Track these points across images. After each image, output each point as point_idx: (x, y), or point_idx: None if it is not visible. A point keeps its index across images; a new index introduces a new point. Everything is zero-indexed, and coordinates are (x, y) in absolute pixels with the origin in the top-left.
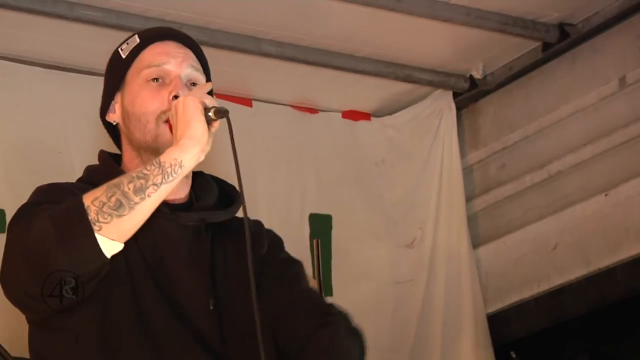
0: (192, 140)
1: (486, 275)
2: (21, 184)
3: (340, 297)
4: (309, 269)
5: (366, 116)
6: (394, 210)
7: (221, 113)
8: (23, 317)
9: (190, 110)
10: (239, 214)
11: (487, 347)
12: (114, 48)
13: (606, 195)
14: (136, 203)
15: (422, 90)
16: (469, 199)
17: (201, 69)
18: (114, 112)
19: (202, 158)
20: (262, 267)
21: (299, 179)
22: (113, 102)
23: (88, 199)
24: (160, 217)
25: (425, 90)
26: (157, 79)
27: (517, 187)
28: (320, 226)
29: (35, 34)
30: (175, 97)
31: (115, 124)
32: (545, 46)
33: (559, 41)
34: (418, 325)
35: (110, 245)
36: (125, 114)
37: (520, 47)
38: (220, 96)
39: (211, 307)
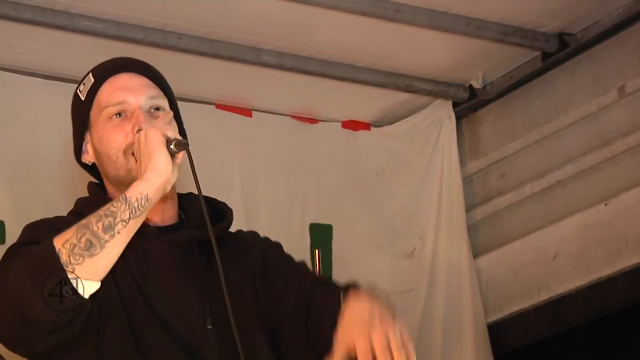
0: (155, 173)
1: (486, 285)
2: (21, 195)
3: None
4: None
5: (366, 126)
6: (394, 220)
7: (181, 145)
8: None
9: (152, 143)
10: (233, 229)
11: (487, 357)
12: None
13: (606, 204)
14: (106, 241)
15: (421, 100)
16: (469, 208)
17: (162, 93)
18: (87, 152)
19: (168, 189)
20: (263, 268)
21: (299, 189)
22: (84, 142)
23: (59, 242)
24: (151, 241)
25: (425, 100)
26: (119, 114)
27: (517, 196)
28: (321, 236)
29: (36, 44)
30: (139, 130)
31: (90, 164)
32: (545, 56)
33: (559, 51)
34: (418, 334)
35: (86, 285)
36: (97, 153)
37: (519, 57)
38: (220, 106)
39: (209, 327)
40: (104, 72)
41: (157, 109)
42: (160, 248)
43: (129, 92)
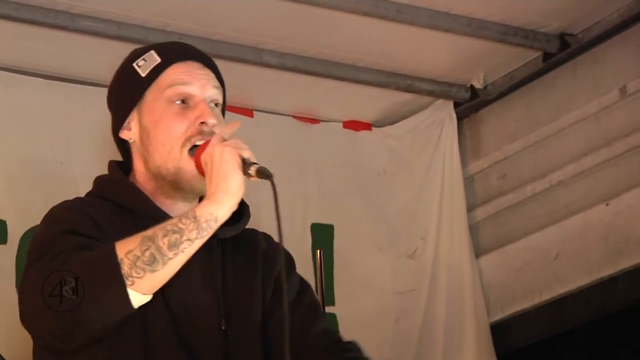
0: (227, 195)
1: (488, 285)
2: (22, 194)
3: (342, 307)
4: (311, 279)
5: (367, 126)
6: (395, 220)
7: (264, 175)
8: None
9: (228, 164)
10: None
11: (489, 356)
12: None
13: (607, 204)
14: (169, 259)
15: (423, 100)
16: (470, 208)
17: (222, 89)
18: (130, 129)
19: (235, 209)
20: (274, 288)
21: (301, 189)
22: (129, 119)
23: (122, 250)
24: None
25: (427, 100)
26: (182, 101)
27: (519, 196)
28: (322, 236)
29: (37, 45)
30: (203, 122)
31: (130, 141)
32: (546, 56)
33: (560, 51)
34: (420, 335)
35: (139, 298)
36: (144, 133)
37: (521, 57)
38: None
39: (223, 328)
40: (171, 54)
41: (216, 104)
42: None
43: (197, 81)
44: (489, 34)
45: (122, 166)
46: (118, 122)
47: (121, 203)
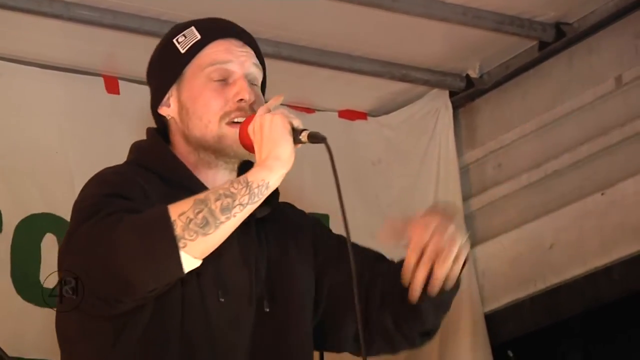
0: (279, 162)
1: (482, 275)
2: (17, 184)
3: None
4: None
5: (362, 116)
6: (390, 210)
7: (317, 138)
8: (22, 318)
9: (279, 130)
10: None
11: (484, 346)
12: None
13: (603, 194)
14: (221, 222)
15: (418, 89)
16: (465, 198)
17: (261, 67)
18: (169, 106)
19: (283, 177)
20: (315, 252)
21: (296, 179)
22: (167, 95)
23: (174, 212)
24: None
25: (422, 90)
26: (222, 79)
27: (514, 186)
28: None
29: (32, 33)
30: (241, 100)
31: (169, 117)
32: (542, 45)
33: (556, 40)
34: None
35: (190, 262)
36: (183, 110)
37: (516, 46)
38: None
39: (267, 310)
40: (212, 31)
41: (254, 84)
42: None
43: (236, 58)
44: (485, 23)
45: (161, 135)
46: (157, 98)
47: (164, 175)
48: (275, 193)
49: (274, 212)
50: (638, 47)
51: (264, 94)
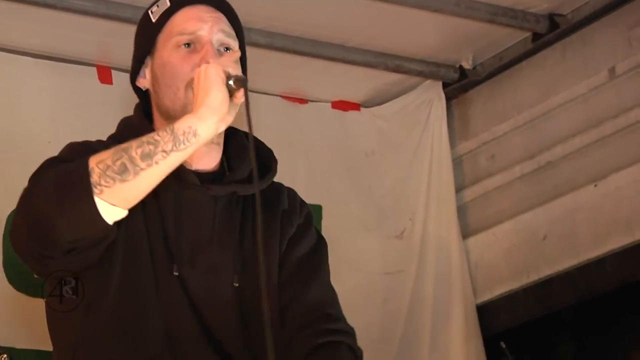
0: (209, 109)
1: (475, 266)
2: (10, 174)
3: None
4: None
5: (356, 106)
6: (383, 201)
7: (240, 82)
8: (14, 309)
9: (211, 78)
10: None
11: (476, 337)
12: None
13: (595, 186)
14: (142, 169)
15: (411, 80)
16: (458, 189)
17: (234, 33)
18: (144, 77)
19: (221, 128)
20: (286, 248)
21: (289, 170)
22: (143, 66)
23: (94, 160)
24: (190, 189)
25: (415, 81)
26: (188, 44)
27: (507, 177)
28: None
29: (25, 23)
30: (207, 63)
31: (144, 89)
32: (535, 37)
33: (549, 32)
34: (408, 316)
35: (111, 210)
36: (155, 79)
37: (510, 38)
38: None
39: (236, 284)
40: None
41: (227, 48)
42: (199, 198)
43: (203, 23)
44: (478, 14)
45: (147, 111)
46: (134, 70)
47: None
48: (269, 173)
49: (270, 193)
50: (631, 39)
51: (244, 58)
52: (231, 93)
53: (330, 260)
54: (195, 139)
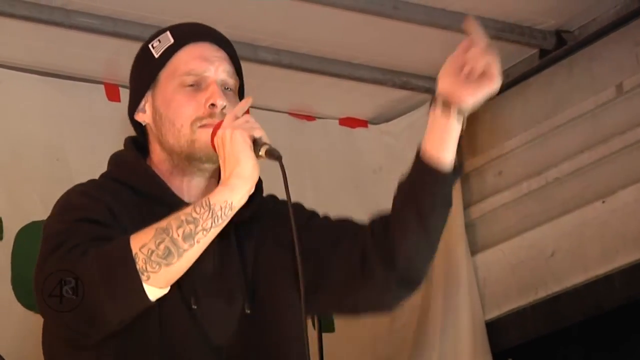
0: (241, 180)
1: (484, 282)
2: (18, 191)
3: None
4: None
5: (363, 123)
6: None
7: (274, 155)
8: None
9: (239, 147)
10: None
11: (485, 354)
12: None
13: (604, 202)
14: (185, 250)
15: (419, 97)
16: (466, 206)
17: (234, 71)
18: (144, 112)
19: (249, 194)
20: (304, 235)
21: (296, 186)
22: (143, 101)
23: (136, 245)
24: None
25: (423, 97)
26: (193, 84)
27: (515, 194)
28: None
29: (32, 41)
30: (212, 105)
31: (144, 124)
32: (543, 53)
33: (556, 48)
34: (416, 332)
35: (156, 292)
36: (157, 115)
37: (517, 54)
38: None
39: (247, 312)
40: (185, 35)
41: (228, 88)
42: None
43: (209, 63)
44: (485, 31)
45: (138, 144)
46: (133, 104)
47: (136, 188)
48: (256, 195)
49: (256, 214)
50: (639, 55)
51: (242, 93)
52: (257, 154)
53: None
54: (231, 211)
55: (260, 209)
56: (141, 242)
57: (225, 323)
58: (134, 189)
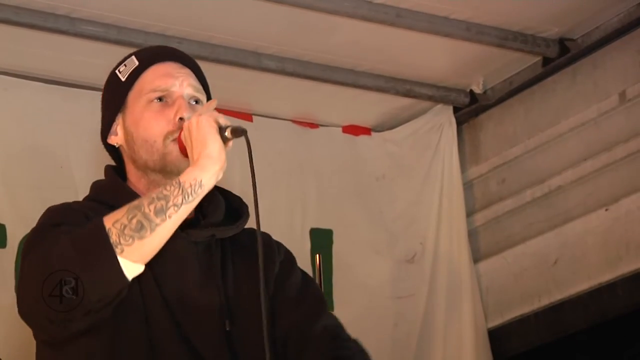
0: (210, 160)
1: (487, 290)
2: (22, 199)
3: (341, 312)
4: None
5: (367, 131)
6: (394, 225)
7: (238, 132)
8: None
9: (205, 129)
10: (248, 225)
11: None
12: (115, 63)
13: (607, 210)
14: (157, 224)
15: (422, 105)
16: (469, 213)
17: (201, 87)
18: (116, 134)
19: (220, 176)
20: (275, 288)
21: (300, 194)
22: (114, 124)
23: (109, 221)
24: (170, 236)
25: (426, 105)
26: (160, 99)
27: (518, 202)
28: (321, 241)
29: (37, 49)
30: (181, 118)
31: (117, 146)
32: (546, 61)
33: (559, 56)
34: (419, 340)
35: (131, 267)
36: (128, 136)
37: (520, 62)
38: (221, 111)
39: (227, 329)
40: (149, 57)
41: (197, 102)
42: (180, 245)
43: (174, 79)
44: (488, 39)
45: (118, 171)
46: (105, 128)
47: (116, 206)
48: (243, 215)
49: (245, 236)
50: None
51: None
52: (224, 142)
53: (341, 285)
54: (201, 189)
55: (248, 236)
56: (114, 219)
57: (207, 337)
58: (114, 207)
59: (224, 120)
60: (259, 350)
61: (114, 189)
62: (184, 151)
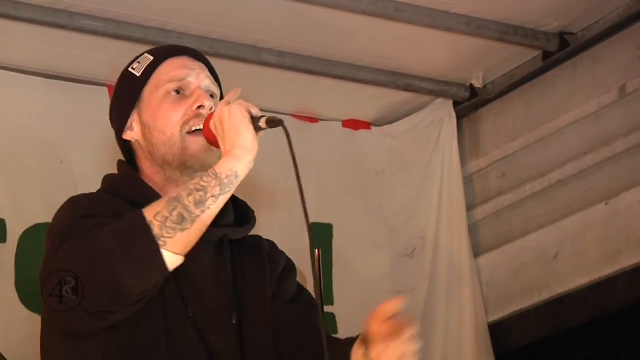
0: (244, 150)
1: (487, 285)
2: (22, 193)
3: (341, 307)
4: (309, 278)
5: (367, 125)
6: (394, 220)
7: (275, 122)
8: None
9: (238, 119)
10: (255, 231)
11: (488, 356)
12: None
13: (607, 204)
14: (197, 216)
15: (422, 99)
16: (469, 208)
17: (217, 83)
18: (132, 129)
19: (251, 166)
20: (277, 285)
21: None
22: (130, 120)
23: (150, 213)
24: None
25: (426, 100)
26: (177, 92)
27: (518, 196)
28: (321, 235)
29: (36, 44)
30: (200, 106)
31: (134, 140)
32: (546, 55)
33: (559, 50)
34: (419, 334)
35: (173, 259)
36: (146, 129)
37: (520, 56)
38: None
39: (234, 322)
40: (164, 52)
41: (212, 95)
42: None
43: (191, 70)
44: (489, 33)
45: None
46: (120, 126)
47: (132, 199)
48: (252, 220)
49: (251, 240)
50: None
51: None
52: (255, 130)
53: (341, 279)
54: (236, 179)
55: (254, 241)
56: (154, 211)
57: (217, 330)
58: (131, 201)
59: (255, 109)
60: (265, 342)
61: (131, 182)
62: (211, 140)
